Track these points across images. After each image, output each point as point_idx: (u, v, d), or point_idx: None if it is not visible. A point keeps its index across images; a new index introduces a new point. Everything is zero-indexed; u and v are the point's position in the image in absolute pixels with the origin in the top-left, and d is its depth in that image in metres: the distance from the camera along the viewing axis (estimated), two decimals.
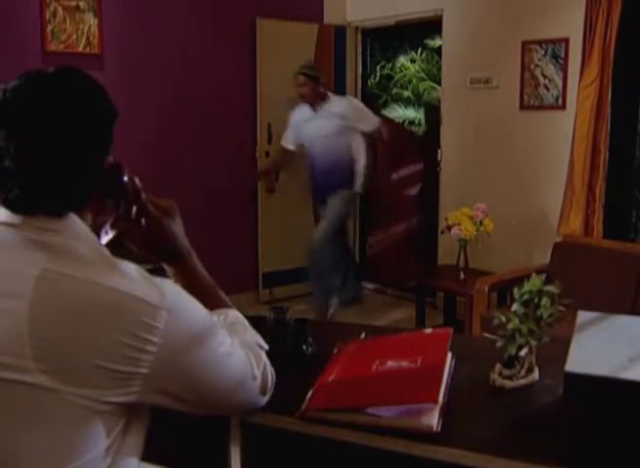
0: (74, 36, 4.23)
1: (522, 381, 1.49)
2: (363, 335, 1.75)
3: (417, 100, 9.62)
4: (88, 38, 4.28)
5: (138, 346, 0.95)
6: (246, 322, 1.28)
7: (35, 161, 0.99)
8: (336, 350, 1.63)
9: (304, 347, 1.63)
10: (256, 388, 1.18)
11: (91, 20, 4.27)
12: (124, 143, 4.74)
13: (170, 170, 4.81)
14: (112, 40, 4.41)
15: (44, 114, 0.99)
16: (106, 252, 1.04)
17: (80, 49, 4.26)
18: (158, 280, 1.02)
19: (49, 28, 4.12)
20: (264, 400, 1.23)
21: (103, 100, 1.10)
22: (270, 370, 1.25)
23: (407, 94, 9.90)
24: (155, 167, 4.73)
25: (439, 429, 1.28)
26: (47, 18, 4.10)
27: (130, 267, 1.02)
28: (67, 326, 0.93)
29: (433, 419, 1.29)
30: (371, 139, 4.70)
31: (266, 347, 1.28)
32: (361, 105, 4.80)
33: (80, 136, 1.02)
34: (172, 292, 1.02)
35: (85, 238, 1.03)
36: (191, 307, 1.05)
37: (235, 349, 1.13)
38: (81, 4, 4.22)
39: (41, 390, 0.92)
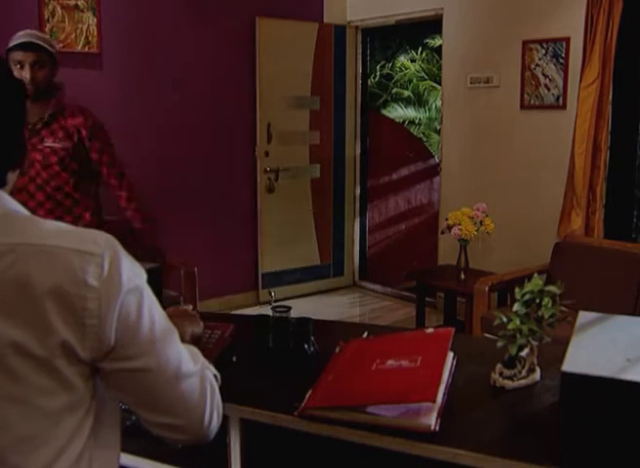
0: (73, 35, 4.22)
1: (523, 382, 1.48)
2: (365, 335, 1.75)
3: (417, 100, 9.61)
4: (87, 37, 4.27)
5: (80, 293, 0.95)
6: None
7: None
8: (337, 349, 1.64)
9: (306, 346, 1.64)
10: (198, 380, 1.10)
11: (90, 20, 4.26)
12: (124, 143, 4.75)
13: (170, 169, 4.80)
14: (111, 39, 4.39)
15: None
16: (35, 217, 1.04)
17: (79, 48, 4.25)
18: (93, 231, 1.02)
19: (47, 28, 4.10)
20: (208, 422, 1.11)
21: (7, 77, 1.04)
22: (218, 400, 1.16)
23: (407, 93, 9.92)
24: (155, 166, 4.71)
25: (437, 428, 1.29)
26: (45, 17, 4.09)
27: (60, 224, 1.02)
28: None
29: (431, 419, 1.30)
30: None
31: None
32: None
33: None
34: (106, 240, 1.01)
35: (11, 212, 1.01)
36: (130, 260, 1.03)
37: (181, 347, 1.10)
38: (80, 3, 4.20)
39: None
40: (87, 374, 1.00)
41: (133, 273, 1.01)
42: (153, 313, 1.03)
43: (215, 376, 1.19)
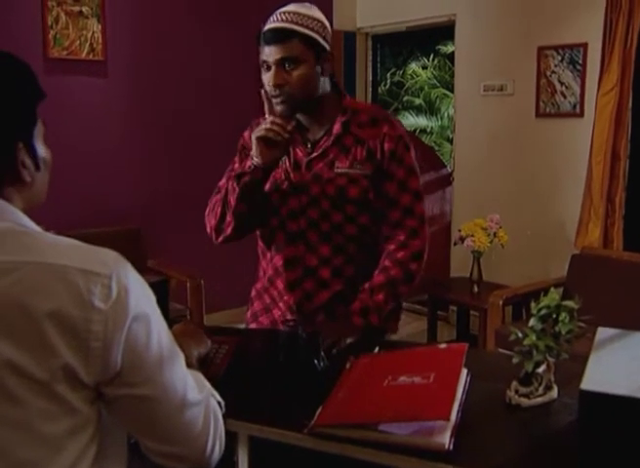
0: (77, 42, 4.16)
1: (540, 399, 1.44)
2: (377, 350, 1.72)
3: (428, 108, 9.54)
4: (91, 44, 4.21)
5: (84, 315, 0.93)
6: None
7: None
8: (348, 365, 1.61)
9: (316, 362, 1.61)
10: (202, 412, 1.08)
11: (94, 26, 4.20)
12: (130, 151, 4.67)
13: (177, 178, 4.72)
14: (116, 46, 4.33)
15: None
16: (44, 233, 1.02)
17: (83, 55, 4.19)
18: (103, 249, 1.00)
19: (51, 34, 4.04)
20: (209, 452, 1.10)
21: (6, 81, 0.99)
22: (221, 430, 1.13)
23: (418, 101, 9.86)
24: (162, 175, 4.64)
25: (451, 447, 1.25)
26: (49, 23, 4.03)
27: (71, 241, 0.99)
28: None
29: (445, 437, 1.27)
30: None
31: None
32: None
33: None
34: (116, 260, 0.98)
35: (8, 219, 0.98)
36: (139, 281, 1.00)
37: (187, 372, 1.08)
38: (84, 9, 4.14)
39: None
40: (91, 398, 0.97)
41: (142, 295, 0.99)
42: (161, 338, 1.01)
43: (219, 404, 1.17)
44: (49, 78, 4.06)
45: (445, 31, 5.28)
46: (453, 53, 5.25)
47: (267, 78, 1.83)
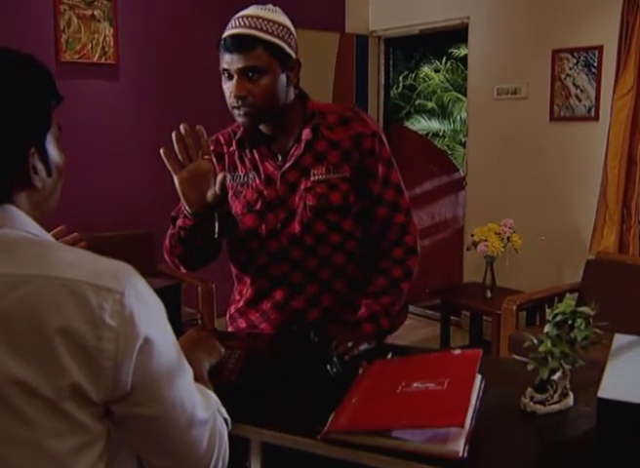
0: (89, 46, 4.17)
1: (555, 407, 1.41)
2: (390, 356, 1.70)
3: (441, 112, 9.50)
4: (103, 48, 4.22)
5: (95, 333, 0.90)
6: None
7: None
8: (361, 370, 1.59)
9: (329, 367, 1.59)
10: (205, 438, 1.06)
11: (106, 30, 4.21)
12: (142, 152, 4.66)
13: None
14: (128, 50, 4.34)
15: None
16: (55, 243, 1.00)
17: (95, 59, 4.21)
18: (114, 261, 0.96)
19: (63, 38, 4.05)
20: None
21: (23, 83, 0.97)
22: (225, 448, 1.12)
23: (431, 105, 9.82)
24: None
25: (465, 455, 1.23)
26: (61, 27, 4.04)
27: (81, 252, 0.97)
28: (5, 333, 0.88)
29: (459, 445, 1.25)
30: None
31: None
32: None
33: None
34: (127, 274, 0.95)
35: (19, 226, 0.96)
36: (150, 295, 0.98)
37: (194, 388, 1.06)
38: (96, 13, 4.15)
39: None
40: (99, 414, 0.95)
41: (153, 311, 0.97)
42: (171, 355, 0.99)
43: (225, 420, 1.15)
44: (61, 82, 4.04)
45: (458, 34, 5.25)
46: (466, 56, 5.23)
47: (229, 88, 1.75)
